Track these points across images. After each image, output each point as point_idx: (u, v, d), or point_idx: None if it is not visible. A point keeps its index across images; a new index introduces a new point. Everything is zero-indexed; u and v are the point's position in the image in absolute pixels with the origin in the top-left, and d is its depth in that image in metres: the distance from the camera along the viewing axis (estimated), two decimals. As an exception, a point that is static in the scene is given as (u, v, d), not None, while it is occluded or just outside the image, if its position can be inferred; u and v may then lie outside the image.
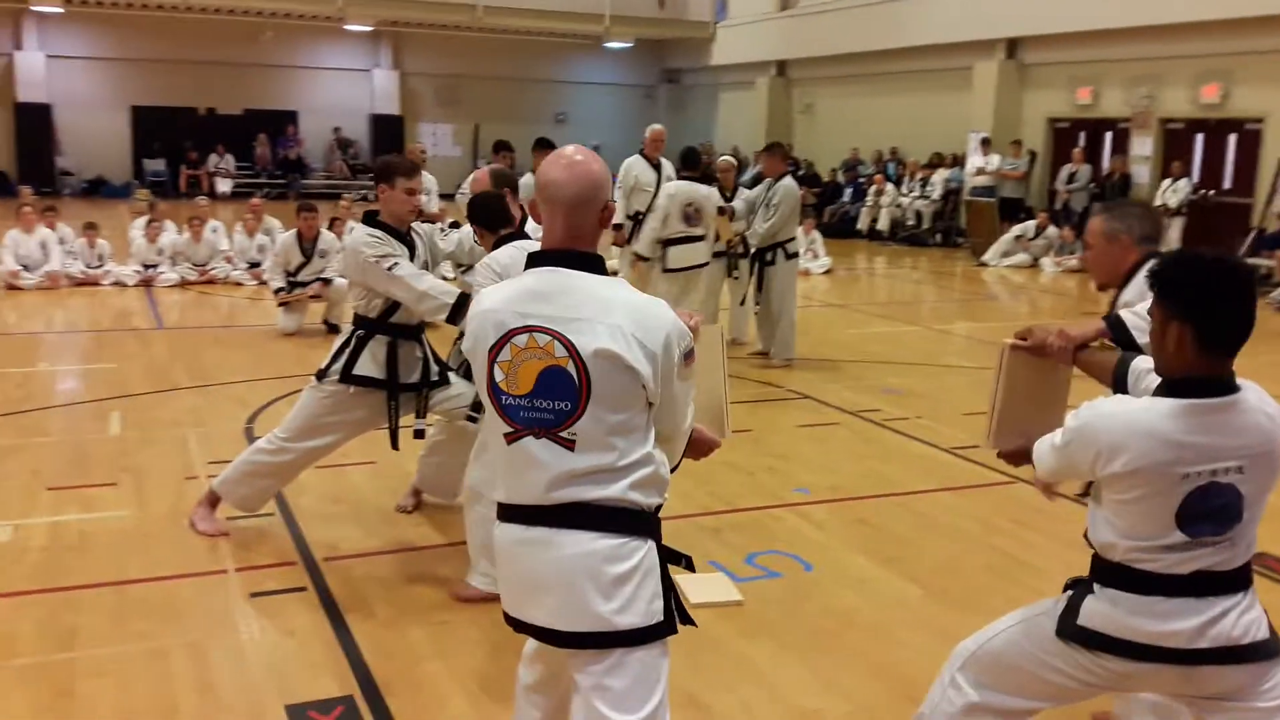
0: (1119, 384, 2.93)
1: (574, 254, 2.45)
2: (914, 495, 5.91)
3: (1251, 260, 14.16)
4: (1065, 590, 2.81)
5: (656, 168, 9.54)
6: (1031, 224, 16.90)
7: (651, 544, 2.48)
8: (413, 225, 4.86)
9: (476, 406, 4.59)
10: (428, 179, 9.88)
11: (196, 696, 3.69)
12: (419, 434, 5.02)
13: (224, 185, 23.94)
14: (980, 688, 2.86)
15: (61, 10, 23.18)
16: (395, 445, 4.95)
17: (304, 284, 10.13)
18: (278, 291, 10.14)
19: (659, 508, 2.51)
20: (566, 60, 28.31)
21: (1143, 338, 3.00)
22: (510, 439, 2.45)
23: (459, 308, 4.63)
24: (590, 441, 2.39)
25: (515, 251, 3.86)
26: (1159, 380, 2.61)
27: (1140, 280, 3.37)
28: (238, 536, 5.06)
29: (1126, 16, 16.02)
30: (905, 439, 6.97)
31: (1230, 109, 15.61)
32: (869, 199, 20.23)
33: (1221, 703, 2.62)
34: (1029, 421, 3.02)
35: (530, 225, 5.00)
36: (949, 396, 8.18)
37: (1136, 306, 3.11)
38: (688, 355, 2.47)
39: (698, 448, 2.79)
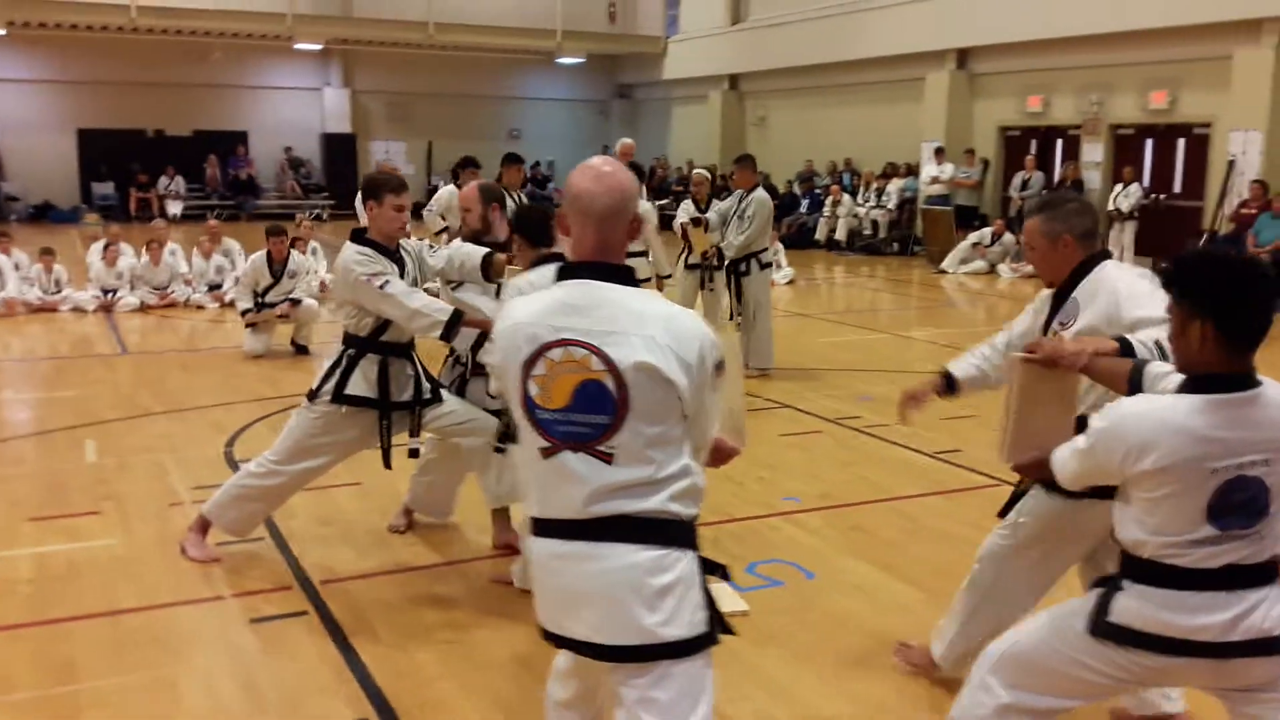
0: (1134, 390, 2.96)
1: (605, 266, 2.45)
2: (903, 500, 5.95)
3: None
4: (1092, 588, 2.84)
5: None
6: (988, 231, 17.14)
7: (692, 554, 2.47)
8: (401, 242, 4.83)
9: (505, 438, 4.57)
10: None
11: (206, 725, 3.64)
12: (414, 453, 4.99)
13: (174, 208, 23.63)
14: (1012, 688, 2.88)
15: (3, 32, 22.80)
16: (388, 465, 4.91)
17: (271, 305, 10.02)
18: (244, 313, 10.02)
19: (695, 517, 2.51)
20: (519, 76, 28.30)
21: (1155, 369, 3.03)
22: (546, 454, 2.43)
23: (452, 325, 4.61)
24: (628, 455, 2.38)
25: (551, 273, 3.84)
26: (1180, 379, 2.66)
27: (1101, 304, 3.36)
28: (230, 562, 4.99)
29: (1074, 25, 16.31)
30: (887, 445, 7.02)
31: (1178, 114, 15.93)
32: (826, 209, 20.39)
33: (1254, 694, 2.67)
34: (1042, 433, 3.05)
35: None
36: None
37: (1142, 334, 3.12)
38: (718, 366, 2.47)
39: (718, 455, 2.79)
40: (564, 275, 2.49)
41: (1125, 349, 3.10)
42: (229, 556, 5.04)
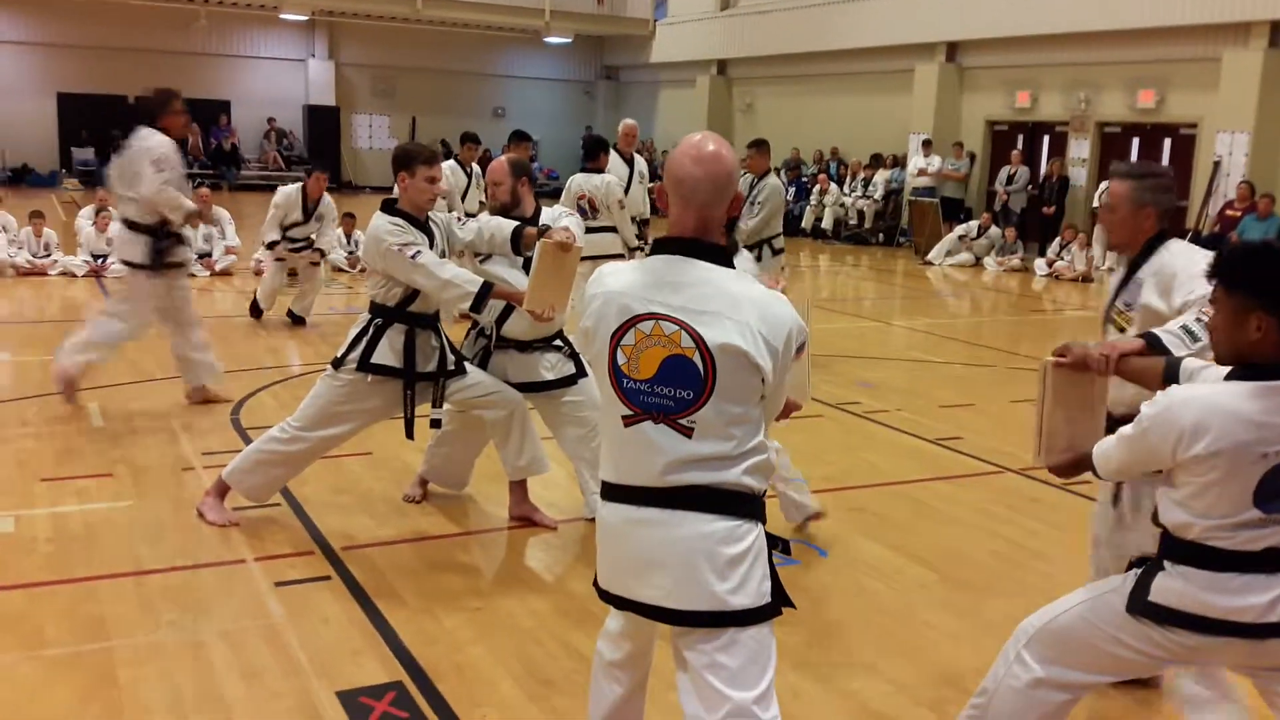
0: (1170, 385, 3.04)
1: (703, 244, 2.47)
2: (908, 484, 6.05)
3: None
4: (1130, 568, 2.93)
5: (629, 162, 9.59)
6: (974, 224, 17.28)
7: (761, 526, 2.54)
8: (430, 214, 4.86)
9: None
10: None
11: (243, 684, 3.67)
12: (435, 424, 5.02)
13: (155, 175, 23.36)
14: (1046, 663, 2.96)
15: (-15, -8, 22.53)
16: (410, 435, 4.94)
17: (295, 242, 10.04)
18: (271, 245, 10.08)
19: (765, 491, 2.57)
20: (505, 54, 28.19)
21: (1180, 351, 3.13)
22: (629, 422, 2.48)
23: (482, 296, 4.65)
24: (709, 430, 2.43)
25: None
26: (1221, 370, 2.73)
27: (1158, 284, 3.49)
28: (249, 527, 5.02)
29: (1064, 22, 16.46)
30: (889, 430, 7.12)
31: (1165, 114, 16.11)
32: (813, 198, 20.48)
33: (1287, 672, 2.76)
34: (1073, 434, 3.14)
35: (546, 214, 5.07)
36: (922, 389, 8.37)
37: (1170, 324, 3.21)
38: (800, 349, 2.52)
39: (783, 411, 2.87)
40: (661, 249, 2.51)
41: (1153, 344, 3.19)
42: (246, 522, 5.06)
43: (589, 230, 8.51)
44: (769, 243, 8.88)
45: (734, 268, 2.49)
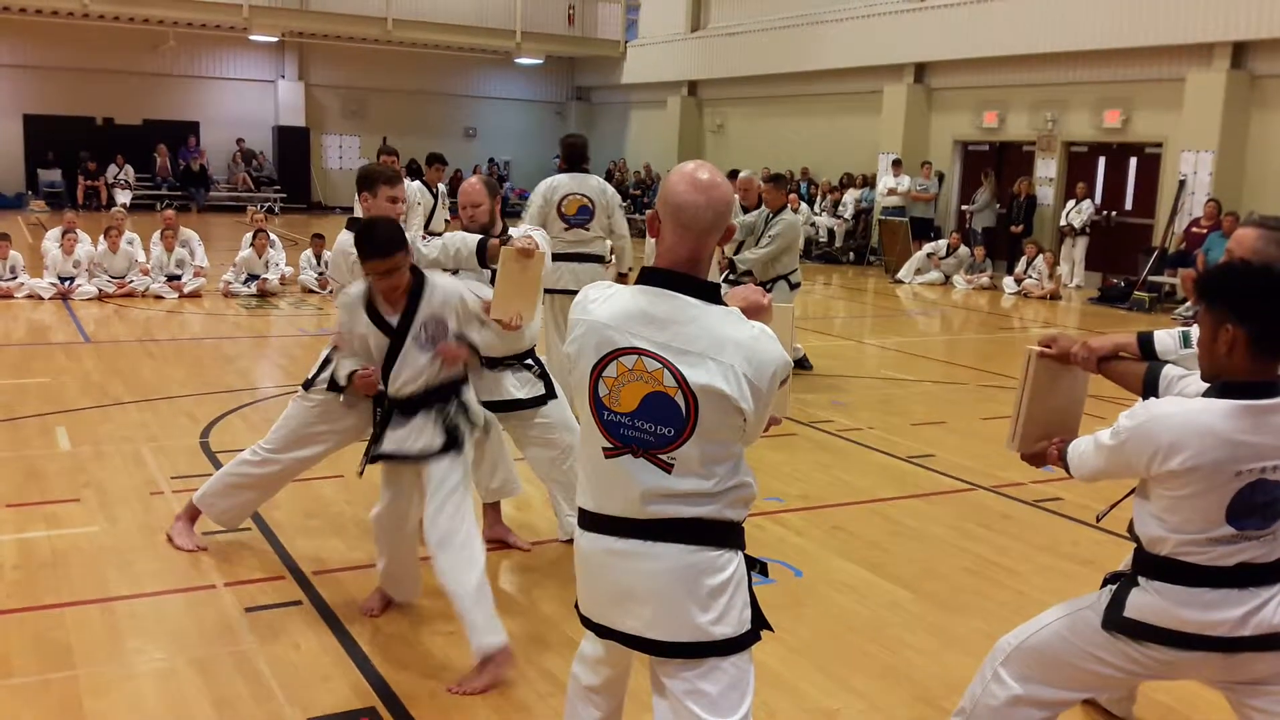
0: (1149, 391, 3.06)
1: (694, 281, 2.42)
2: (882, 502, 6.05)
3: (1154, 278, 14.81)
4: (1104, 585, 2.94)
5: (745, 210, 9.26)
6: (943, 243, 17.40)
7: (740, 554, 2.52)
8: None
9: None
10: None
11: (214, 712, 3.62)
12: (411, 444, 4.96)
13: (123, 196, 23.21)
14: (1024, 681, 2.97)
15: (-50, 14, 22.35)
16: (382, 456, 4.89)
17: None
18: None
19: (745, 518, 2.56)
20: (477, 75, 28.22)
21: (1170, 348, 3.14)
22: (609, 454, 2.46)
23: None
24: (689, 467, 2.41)
25: None
26: (1205, 383, 2.74)
27: None
28: (218, 551, 4.96)
29: (1030, 44, 16.66)
30: (862, 449, 7.13)
31: (1131, 134, 16.28)
32: (783, 217, 20.54)
33: (1259, 687, 2.78)
34: (1049, 425, 3.16)
35: (515, 234, 5.05)
36: (894, 407, 8.39)
37: (1174, 329, 3.22)
38: (783, 382, 2.50)
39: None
40: (650, 279, 2.45)
41: (1144, 343, 3.19)
42: (216, 546, 5.01)
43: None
44: (786, 278, 8.77)
45: (724, 304, 2.45)
